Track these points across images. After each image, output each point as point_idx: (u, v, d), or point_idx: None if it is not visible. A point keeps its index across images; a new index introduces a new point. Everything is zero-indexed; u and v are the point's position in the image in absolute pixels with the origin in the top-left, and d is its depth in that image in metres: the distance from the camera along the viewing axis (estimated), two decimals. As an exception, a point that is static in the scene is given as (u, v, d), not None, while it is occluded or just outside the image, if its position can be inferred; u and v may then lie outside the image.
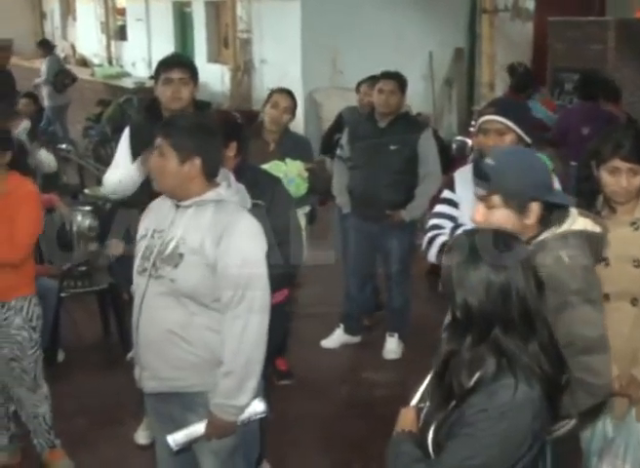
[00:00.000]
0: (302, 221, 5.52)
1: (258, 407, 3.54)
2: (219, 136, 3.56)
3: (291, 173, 5.61)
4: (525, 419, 2.46)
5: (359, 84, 7.64)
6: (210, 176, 3.49)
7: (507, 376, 2.47)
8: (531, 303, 2.51)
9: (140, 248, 3.59)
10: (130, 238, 4.12)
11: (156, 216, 3.60)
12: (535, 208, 3.07)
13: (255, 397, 3.51)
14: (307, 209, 5.89)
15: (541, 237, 3.12)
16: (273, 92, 6.02)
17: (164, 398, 3.65)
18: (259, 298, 3.43)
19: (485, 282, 2.50)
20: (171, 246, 3.46)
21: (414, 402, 2.85)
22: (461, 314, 2.53)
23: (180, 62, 4.88)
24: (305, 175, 5.71)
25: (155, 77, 4.91)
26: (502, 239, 2.59)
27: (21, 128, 8.43)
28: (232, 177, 3.70)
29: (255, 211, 3.65)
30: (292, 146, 5.85)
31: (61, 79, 13.88)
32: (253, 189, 3.91)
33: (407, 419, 2.79)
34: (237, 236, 3.40)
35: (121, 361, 6.37)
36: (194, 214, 3.47)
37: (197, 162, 3.41)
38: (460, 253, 2.57)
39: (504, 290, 2.49)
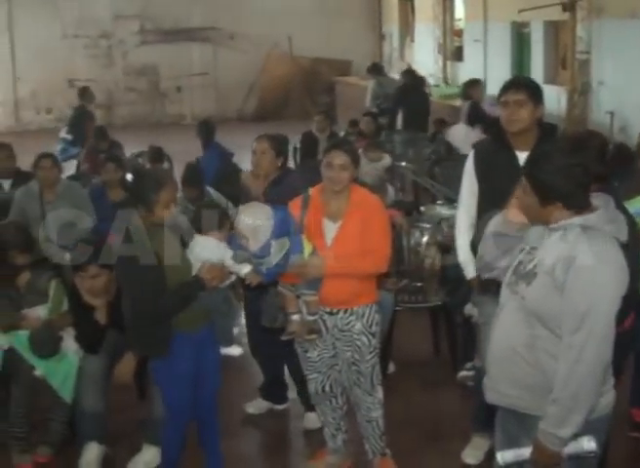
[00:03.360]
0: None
1: (587, 445, 3.42)
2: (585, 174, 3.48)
3: None
4: None
5: None
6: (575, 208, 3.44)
7: None
8: None
9: (515, 261, 3.61)
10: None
11: (536, 233, 3.59)
12: None
13: (584, 433, 3.39)
14: None
15: None
16: None
17: (505, 413, 3.69)
18: (598, 329, 3.32)
19: None
20: (531, 264, 3.48)
21: None
22: None
23: (514, 84, 4.81)
24: None
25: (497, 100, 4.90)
26: None
27: (380, 164, 8.77)
28: (612, 204, 3.58)
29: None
30: None
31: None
32: None
33: None
34: (588, 262, 3.31)
35: (450, 379, 6.42)
36: (560, 236, 3.43)
37: (559, 204, 3.40)
38: None
39: None
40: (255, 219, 4.68)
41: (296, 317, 4.91)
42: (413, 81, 13.96)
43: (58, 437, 5.56)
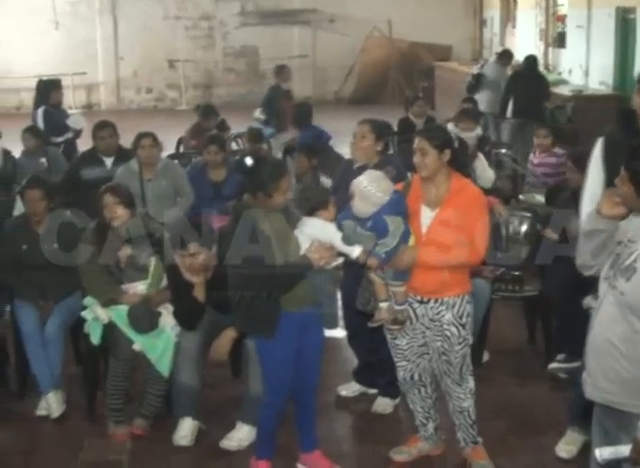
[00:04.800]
0: None
1: None
2: None
3: None
4: None
5: None
6: None
7: None
8: None
9: (613, 255, 3.55)
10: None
11: (636, 224, 3.53)
12: None
13: None
14: None
15: None
16: None
17: (604, 409, 3.63)
18: None
19: None
20: (631, 258, 3.41)
21: None
22: None
23: None
24: None
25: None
26: None
27: (474, 133, 8.55)
28: None
29: None
30: None
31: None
32: None
33: None
34: None
35: (544, 370, 6.33)
36: None
37: None
38: None
39: None
40: (370, 183, 4.71)
41: (384, 305, 4.90)
42: (526, 66, 13.63)
43: (153, 410, 5.67)
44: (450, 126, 8.35)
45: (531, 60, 13.77)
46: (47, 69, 18.11)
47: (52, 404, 5.89)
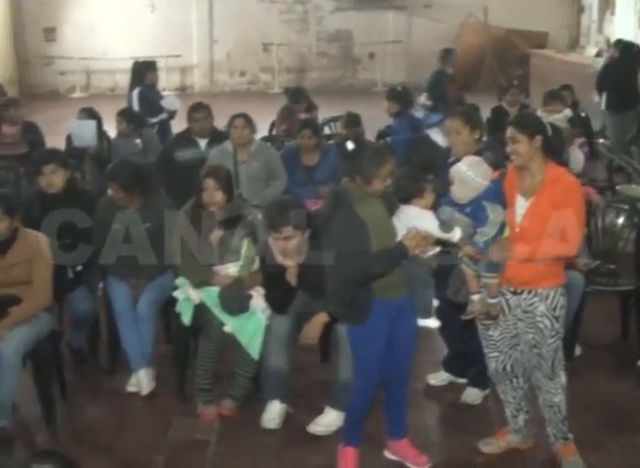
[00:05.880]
0: None
1: None
2: None
3: None
4: None
5: None
6: None
7: None
8: None
9: None
10: None
11: None
12: None
13: None
14: None
15: None
16: None
17: None
18: None
19: None
20: None
21: None
22: None
23: None
24: None
25: None
26: None
27: (562, 115, 8.32)
28: None
29: None
30: None
31: None
32: None
33: None
34: None
35: (636, 366, 6.19)
36: None
37: None
38: None
39: None
40: (469, 168, 4.69)
41: (476, 297, 4.85)
42: (623, 55, 13.14)
43: (242, 391, 5.71)
44: (539, 111, 8.20)
45: (627, 48, 13.33)
46: (142, 52, 18.34)
47: (142, 381, 5.98)
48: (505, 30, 21.37)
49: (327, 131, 10.88)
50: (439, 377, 6.12)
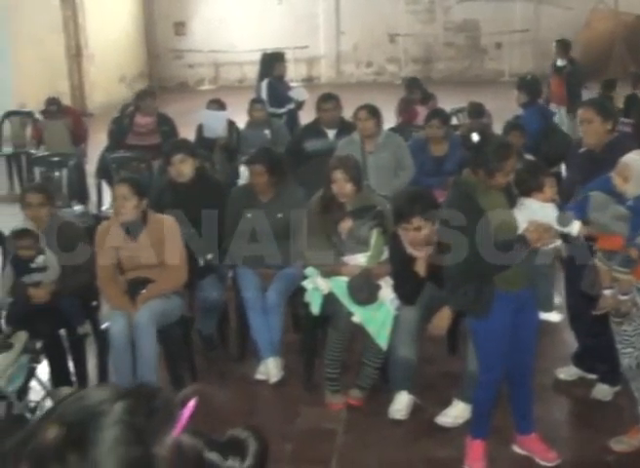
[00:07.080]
0: None
1: None
2: None
3: None
4: None
5: None
6: None
7: None
8: None
9: None
10: None
11: None
12: None
13: None
14: None
15: None
16: None
17: None
18: None
19: None
20: None
21: None
22: None
23: None
24: None
25: None
26: None
27: None
28: None
29: None
30: None
31: None
32: None
33: None
34: None
35: None
36: None
37: None
38: None
39: None
40: None
41: (608, 292, 4.74)
42: None
43: (369, 382, 5.72)
44: None
45: None
46: (269, 44, 18.50)
47: (270, 369, 6.05)
48: (636, 16, 20.74)
49: (454, 121, 10.78)
50: (569, 372, 6.00)
